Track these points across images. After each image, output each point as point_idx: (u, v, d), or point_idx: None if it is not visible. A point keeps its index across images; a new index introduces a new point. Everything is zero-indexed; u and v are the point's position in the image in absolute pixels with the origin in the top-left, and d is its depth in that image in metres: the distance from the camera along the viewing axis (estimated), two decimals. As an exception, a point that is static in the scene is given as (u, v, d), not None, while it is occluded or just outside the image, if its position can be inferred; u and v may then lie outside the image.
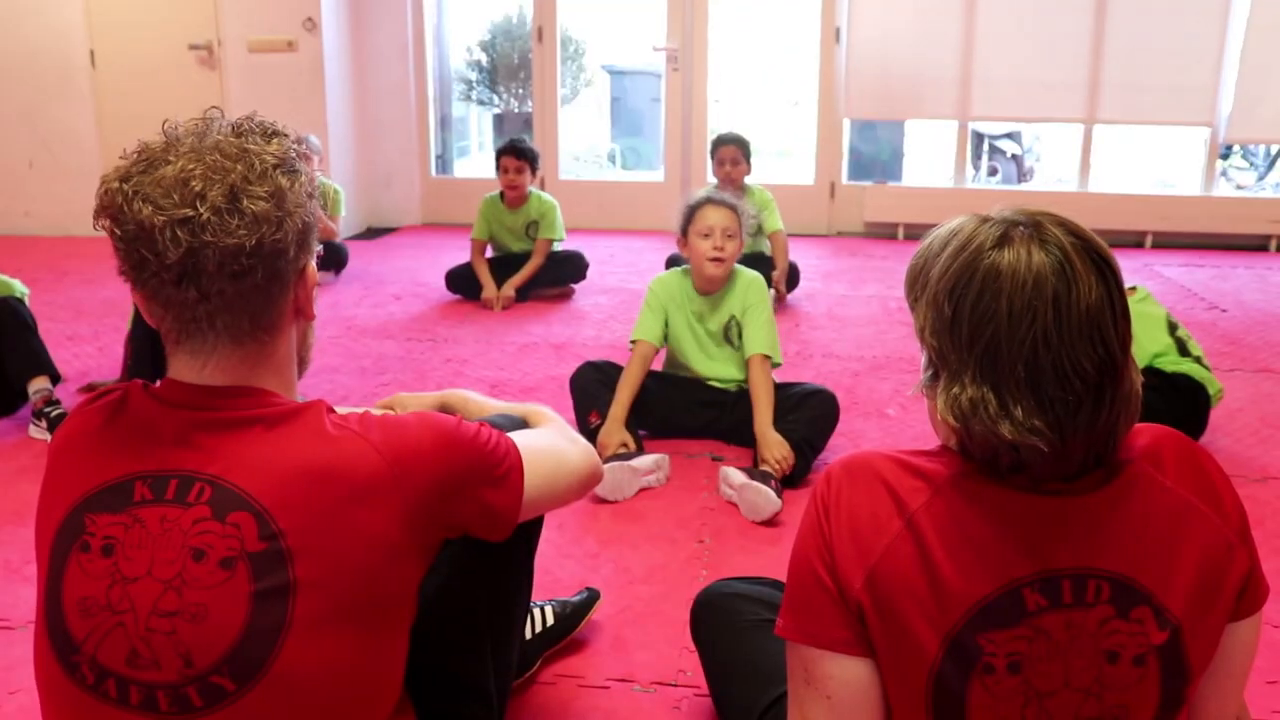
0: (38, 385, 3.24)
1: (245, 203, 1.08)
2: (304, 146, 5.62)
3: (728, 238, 3.04)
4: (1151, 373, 2.99)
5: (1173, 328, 3.12)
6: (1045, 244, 1.01)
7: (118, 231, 1.08)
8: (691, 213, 3.10)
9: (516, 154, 4.95)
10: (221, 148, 1.10)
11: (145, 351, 3.23)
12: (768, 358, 2.99)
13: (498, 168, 5.01)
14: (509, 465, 1.26)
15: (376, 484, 1.12)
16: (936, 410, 1.07)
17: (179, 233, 1.05)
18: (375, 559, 1.11)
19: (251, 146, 1.11)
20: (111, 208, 1.08)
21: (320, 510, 1.08)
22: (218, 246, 1.07)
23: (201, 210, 1.06)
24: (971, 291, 1.02)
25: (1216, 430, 3.19)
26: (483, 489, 1.22)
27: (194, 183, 1.06)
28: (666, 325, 3.15)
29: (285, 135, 1.17)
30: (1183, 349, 3.07)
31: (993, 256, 1.02)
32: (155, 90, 6.71)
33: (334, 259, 5.52)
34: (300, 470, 1.09)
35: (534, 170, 5.01)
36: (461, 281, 5.14)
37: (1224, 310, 5.00)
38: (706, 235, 3.05)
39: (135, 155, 1.10)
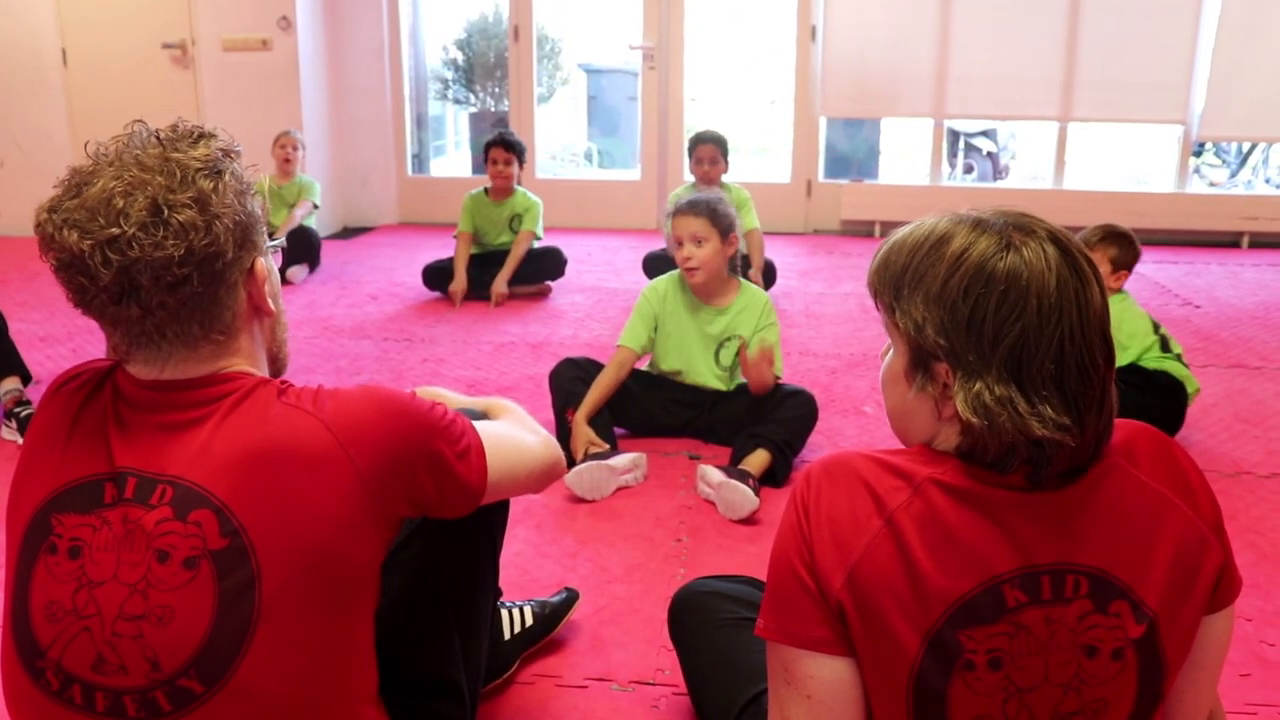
0: (8, 386, 3.21)
1: (168, 213, 1.07)
2: (284, 138, 5.66)
3: (696, 243, 3.01)
4: (1133, 370, 3.04)
5: (1155, 326, 3.18)
6: (1051, 243, 1.04)
7: (53, 261, 1.09)
8: (669, 221, 3.10)
9: (505, 146, 5.04)
10: (141, 160, 1.09)
11: None
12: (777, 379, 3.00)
13: (486, 159, 5.07)
14: (467, 442, 1.25)
15: (325, 458, 1.11)
16: (927, 414, 1.07)
17: (108, 253, 1.05)
18: (333, 535, 1.10)
19: (174, 155, 1.10)
20: (44, 238, 1.08)
21: (274, 492, 1.08)
22: (147, 261, 1.06)
23: (126, 227, 1.05)
24: (994, 290, 1.02)
25: (1190, 425, 3.22)
26: (439, 460, 1.21)
27: (116, 200, 1.06)
28: (655, 331, 3.14)
29: (213, 137, 1.16)
30: (1164, 346, 3.13)
31: (1008, 258, 1.02)
32: (128, 89, 6.66)
33: (305, 250, 5.50)
34: (251, 455, 1.09)
35: (521, 163, 5.10)
36: (439, 276, 5.14)
37: (1197, 306, 5.05)
38: (678, 245, 3.04)
39: (65, 181, 1.10)
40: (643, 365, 3.23)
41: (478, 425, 1.32)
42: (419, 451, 1.19)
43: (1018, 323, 1.01)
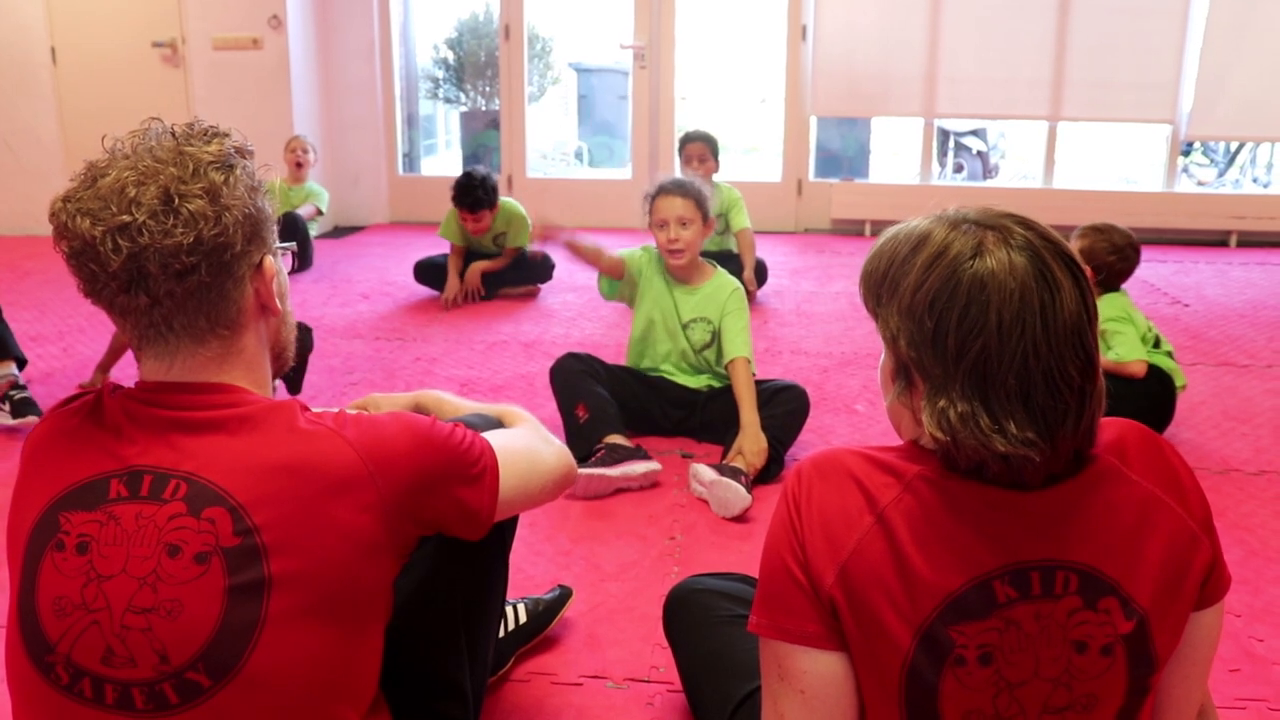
0: (2, 371, 3.20)
1: (179, 202, 1.08)
2: (294, 141, 5.64)
3: (682, 225, 3.02)
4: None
5: (1147, 326, 3.21)
6: (1023, 251, 1.02)
7: (66, 249, 1.10)
8: (650, 204, 3.10)
9: (471, 205, 4.77)
10: (155, 153, 1.11)
11: None
12: (748, 360, 2.99)
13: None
14: (484, 465, 1.27)
15: (352, 480, 1.12)
16: (909, 419, 1.08)
17: (119, 240, 1.07)
18: (351, 554, 1.12)
19: (188, 149, 1.12)
20: (58, 227, 1.10)
21: (296, 505, 1.09)
22: (156, 248, 1.07)
23: (137, 215, 1.07)
24: (957, 304, 1.01)
25: (1180, 423, 3.24)
26: (458, 487, 1.23)
27: (129, 189, 1.07)
28: (637, 289, 3.16)
29: (226, 136, 1.17)
30: (1155, 343, 3.16)
31: (974, 266, 1.01)
32: (118, 88, 6.65)
33: (289, 236, 5.48)
34: (275, 466, 1.10)
35: (492, 207, 4.84)
36: (430, 272, 5.14)
37: (1186, 305, 5.07)
38: (662, 226, 3.04)
39: (81, 174, 1.12)
40: (631, 363, 3.25)
41: (493, 438, 1.33)
42: (442, 481, 1.21)
43: (979, 339, 1.00)
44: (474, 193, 4.76)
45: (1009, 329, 0.99)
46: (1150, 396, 3.04)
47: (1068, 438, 1.02)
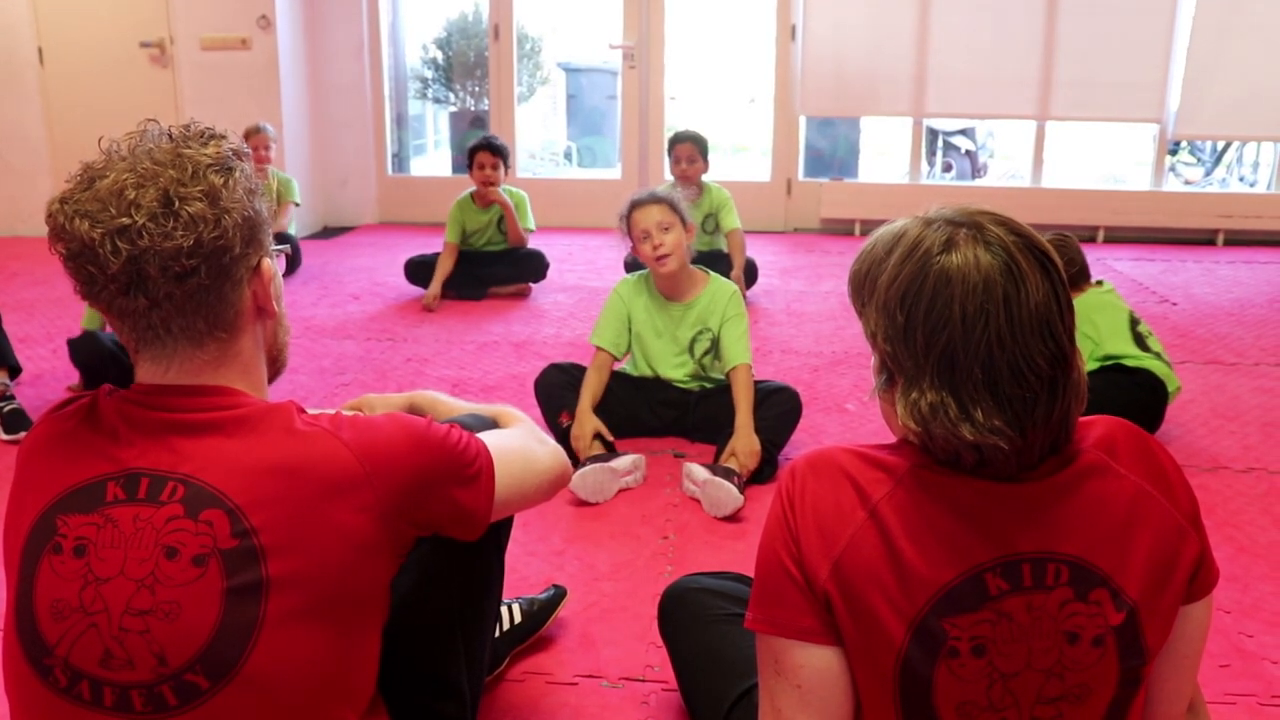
0: None
1: (178, 205, 1.08)
2: (256, 138, 5.59)
3: (664, 231, 3.01)
4: (1115, 369, 3.07)
5: (1134, 322, 3.19)
6: (990, 245, 1.04)
7: (63, 251, 1.09)
8: (626, 222, 3.08)
9: (492, 150, 5.00)
10: (153, 155, 1.10)
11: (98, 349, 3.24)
12: (749, 366, 2.98)
13: (471, 164, 5.02)
14: (480, 465, 1.27)
15: (349, 481, 1.12)
16: (896, 415, 1.09)
17: (118, 243, 1.06)
18: (348, 556, 1.12)
19: (185, 151, 1.12)
20: (55, 229, 1.09)
21: (293, 507, 1.09)
22: (156, 251, 1.07)
23: (137, 218, 1.06)
24: (924, 298, 1.03)
25: (1168, 421, 3.25)
26: (454, 488, 1.23)
27: (128, 191, 1.07)
28: (630, 331, 3.15)
29: (223, 138, 1.17)
30: (1142, 344, 3.14)
31: (941, 261, 1.04)
32: (106, 88, 6.63)
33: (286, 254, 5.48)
34: (272, 467, 1.10)
35: (506, 167, 5.06)
36: (422, 271, 5.13)
37: (1174, 303, 5.09)
38: (644, 238, 3.03)
39: (78, 176, 1.11)
40: (622, 366, 3.25)
41: (488, 438, 1.33)
42: (438, 482, 1.21)
43: (945, 330, 1.02)
44: (493, 141, 5.08)
45: (972, 321, 1.01)
46: (1138, 403, 3.01)
47: (1039, 427, 1.03)
